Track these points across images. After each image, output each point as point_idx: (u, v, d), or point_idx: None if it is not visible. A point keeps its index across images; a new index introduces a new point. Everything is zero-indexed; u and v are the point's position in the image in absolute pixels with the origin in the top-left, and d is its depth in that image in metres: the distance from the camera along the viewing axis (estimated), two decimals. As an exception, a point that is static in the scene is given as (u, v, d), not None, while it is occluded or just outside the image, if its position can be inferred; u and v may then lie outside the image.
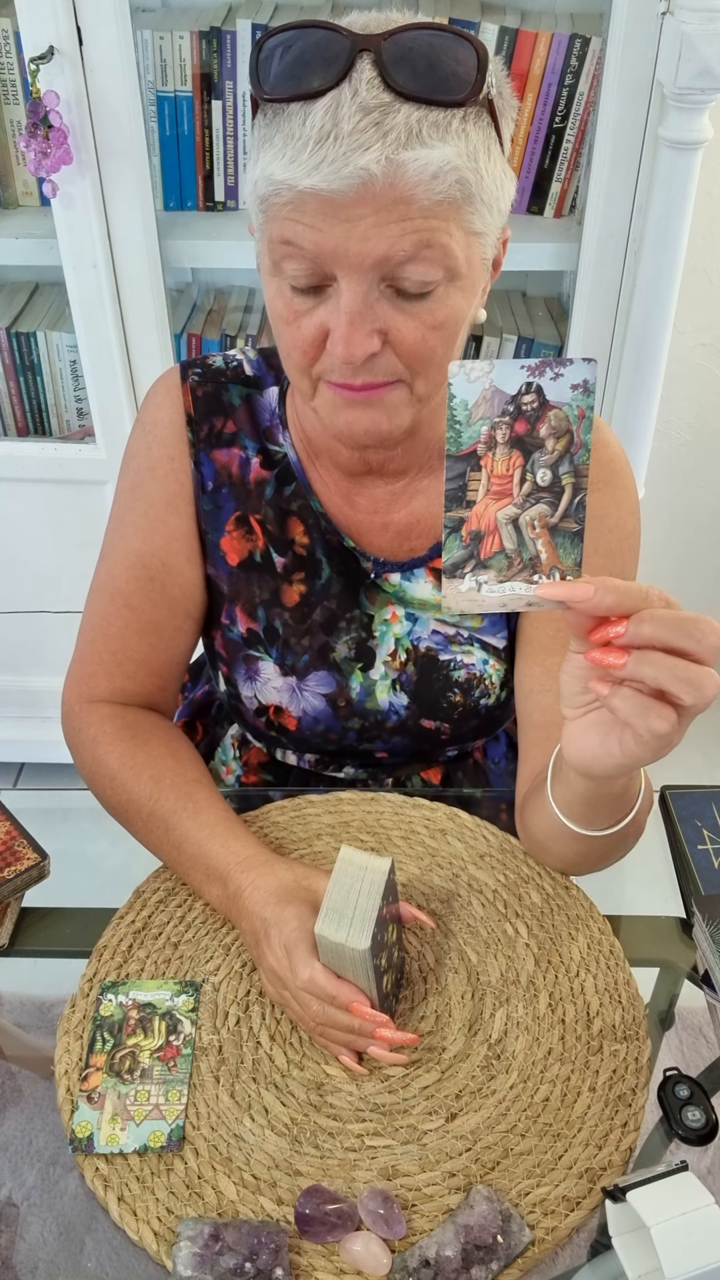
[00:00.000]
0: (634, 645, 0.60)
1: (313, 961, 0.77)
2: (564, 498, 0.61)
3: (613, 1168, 0.74)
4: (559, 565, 0.62)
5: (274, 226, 0.75)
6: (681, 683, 0.59)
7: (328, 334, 0.78)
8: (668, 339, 1.52)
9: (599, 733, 0.66)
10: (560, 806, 0.81)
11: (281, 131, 0.72)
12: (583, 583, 0.60)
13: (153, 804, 0.91)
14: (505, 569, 0.62)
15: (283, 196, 0.73)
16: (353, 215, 0.72)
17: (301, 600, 0.99)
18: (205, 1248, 0.68)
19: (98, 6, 1.32)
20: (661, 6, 1.31)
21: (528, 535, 0.61)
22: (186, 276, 1.84)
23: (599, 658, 0.62)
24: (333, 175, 0.70)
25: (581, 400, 0.60)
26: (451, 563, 0.62)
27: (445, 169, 0.71)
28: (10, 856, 0.93)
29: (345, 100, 0.70)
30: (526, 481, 0.61)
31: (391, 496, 0.97)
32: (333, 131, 0.70)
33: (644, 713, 0.61)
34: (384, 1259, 0.69)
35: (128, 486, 0.99)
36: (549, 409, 0.60)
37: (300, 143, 0.71)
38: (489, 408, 0.60)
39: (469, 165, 0.73)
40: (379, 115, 0.70)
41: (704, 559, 2.14)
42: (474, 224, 0.76)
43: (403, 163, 0.70)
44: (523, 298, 1.83)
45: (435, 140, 0.71)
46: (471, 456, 0.60)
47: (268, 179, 0.73)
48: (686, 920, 0.92)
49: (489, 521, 0.61)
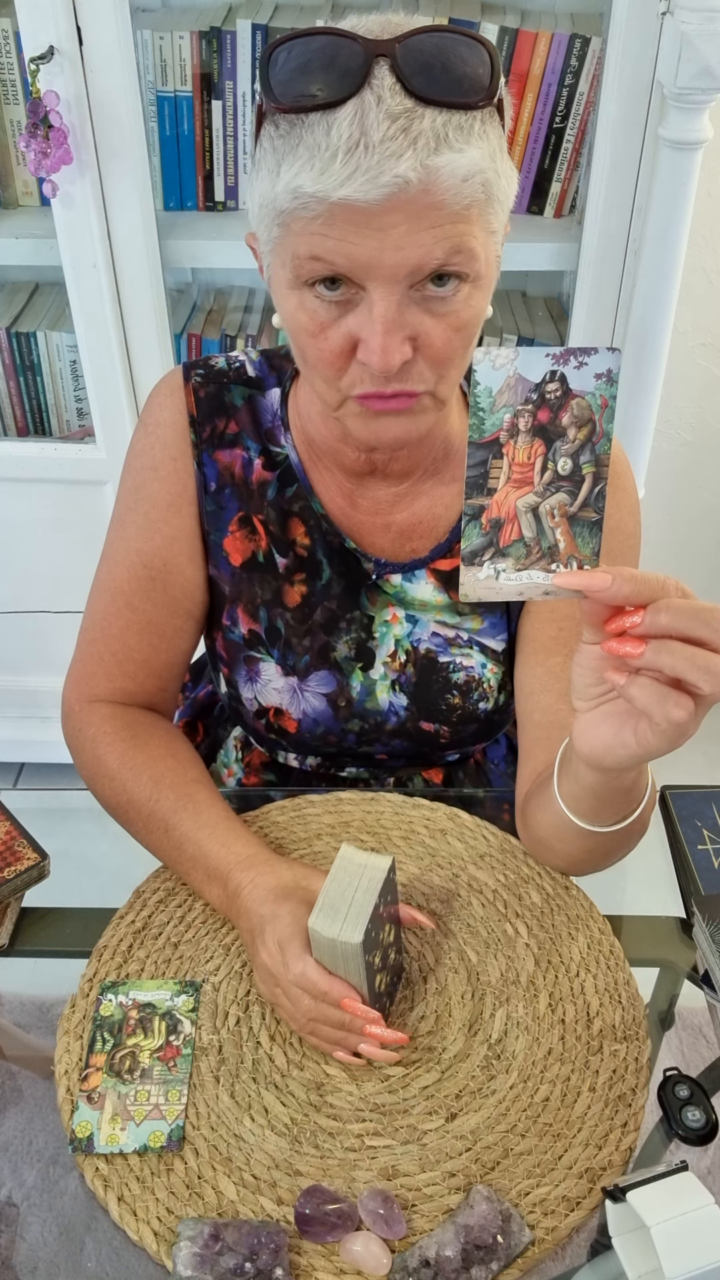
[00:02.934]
0: (651, 634, 0.61)
1: (306, 957, 0.77)
2: (584, 487, 0.61)
3: (613, 1168, 0.74)
4: (577, 554, 0.62)
5: (299, 242, 0.73)
6: (700, 671, 0.59)
7: (355, 344, 0.76)
8: (668, 339, 1.52)
9: (613, 724, 0.66)
10: (567, 802, 0.80)
11: (305, 143, 0.70)
12: (600, 572, 0.60)
13: (153, 804, 0.91)
14: (524, 557, 0.62)
15: (310, 210, 0.71)
16: (385, 224, 0.71)
17: (303, 601, 0.99)
18: (205, 1248, 0.68)
19: (98, 6, 1.32)
20: (661, 6, 1.31)
21: (547, 524, 0.61)
22: (186, 276, 1.84)
23: (616, 647, 0.62)
24: (369, 185, 0.68)
25: (604, 389, 0.59)
26: (470, 550, 0.62)
27: (474, 172, 0.71)
28: (10, 856, 0.93)
29: (370, 107, 0.69)
30: (548, 470, 0.61)
31: (394, 498, 0.97)
32: (362, 140, 0.68)
33: (662, 701, 0.61)
34: (384, 1259, 0.69)
35: (130, 486, 0.99)
36: (572, 398, 0.60)
37: (329, 153, 0.69)
38: (512, 395, 0.59)
39: (491, 167, 0.73)
40: (405, 121, 0.69)
41: (704, 558, 2.14)
42: (492, 223, 0.76)
43: (436, 168, 0.69)
44: (523, 298, 1.83)
45: (461, 144, 0.70)
46: (494, 444, 0.60)
47: (293, 192, 0.71)
48: (686, 920, 0.92)
49: (509, 509, 0.61)
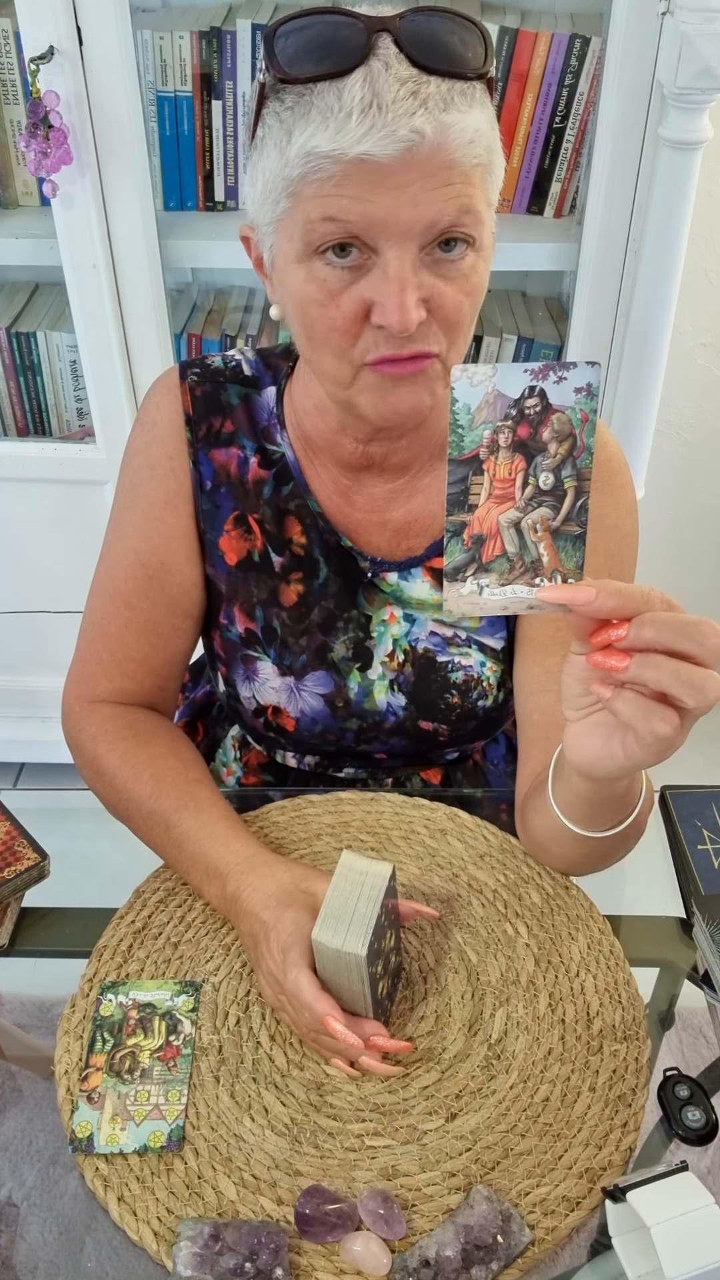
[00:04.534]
0: (635, 648, 0.60)
1: (301, 966, 0.77)
2: (566, 501, 0.61)
3: (613, 1168, 0.74)
4: (560, 568, 0.62)
5: (311, 206, 0.75)
6: (683, 685, 0.59)
7: (368, 310, 0.77)
8: (668, 339, 1.52)
9: (601, 735, 0.66)
10: (561, 808, 0.81)
11: (316, 107, 0.72)
12: (584, 586, 0.60)
13: (153, 803, 0.91)
14: (507, 572, 0.62)
15: (324, 171, 0.73)
16: (400, 182, 0.72)
17: (299, 600, 0.99)
18: (205, 1248, 0.68)
19: (98, 6, 1.33)
20: (661, 6, 1.31)
21: (530, 539, 0.61)
22: (186, 276, 1.84)
23: (601, 660, 0.62)
24: (386, 139, 0.71)
25: (585, 404, 0.59)
26: (453, 566, 0.62)
27: (479, 134, 0.74)
28: (10, 856, 0.93)
29: (379, 72, 0.71)
30: (529, 485, 0.61)
31: (391, 494, 0.97)
32: (374, 100, 0.71)
33: (646, 715, 0.61)
34: (384, 1259, 0.69)
35: (127, 485, 0.99)
36: (552, 413, 0.60)
37: (343, 114, 0.71)
38: (491, 412, 0.59)
39: (493, 133, 0.76)
40: (414, 85, 0.72)
41: (703, 559, 2.14)
42: (491, 195, 0.79)
43: (449, 124, 0.72)
44: (523, 298, 1.83)
45: (466, 107, 0.73)
46: (474, 460, 0.60)
47: (307, 155, 0.73)
48: (686, 920, 0.92)
49: (491, 525, 0.61)
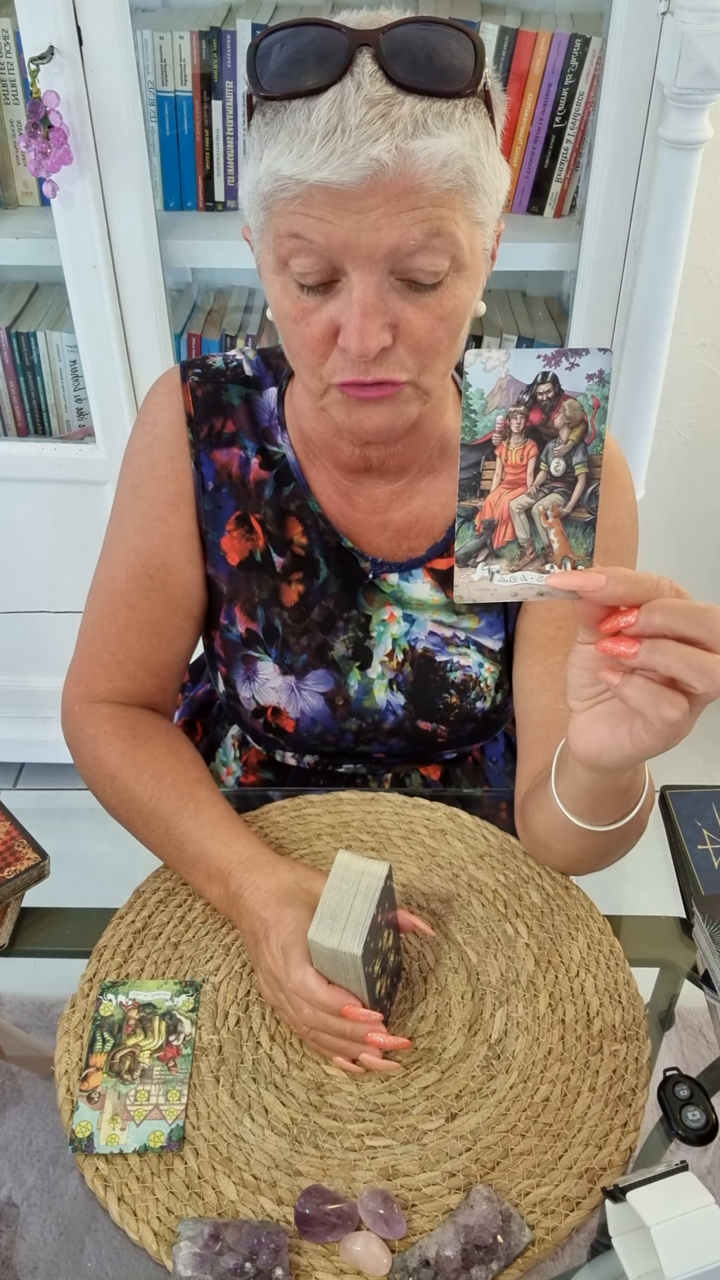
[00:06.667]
0: (645, 634, 0.61)
1: (306, 965, 0.77)
2: (577, 488, 0.61)
3: (613, 1168, 0.74)
4: (571, 555, 0.62)
5: (280, 222, 0.75)
6: (693, 670, 0.60)
7: (337, 331, 0.77)
8: (668, 339, 1.52)
9: (608, 724, 0.66)
10: (565, 802, 0.80)
11: (286, 128, 0.72)
12: (594, 572, 0.60)
13: (154, 803, 0.91)
14: (518, 558, 0.62)
15: (290, 191, 0.73)
16: (363, 206, 0.72)
17: (300, 600, 0.99)
18: (205, 1248, 0.68)
19: (98, 6, 1.32)
20: (661, 6, 1.31)
21: (540, 525, 0.62)
22: (186, 276, 1.84)
23: (610, 647, 0.62)
24: (343, 167, 0.70)
25: (597, 390, 0.60)
26: (464, 552, 0.62)
27: (452, 157, 0.72)
28: (10, 856, 0.93)
29: (350, 94, 0.70)
30: (540, 471, 0.61)
31: (391, 495, 0.97)
32: (339, 125, 0.70)
33: (656, 701, 0.61)
34: (384, 1259, 0.69)
35: (128, 486, 0.99)
36: (564, 399, 0.60)
37: (307, 138, 0.71)
38: (504, 397, 0.60)
39: (473, 154, 0.74)
40: (384, 107, 0.70)
41: (704, 558, 2.14)
42: (477, 213, 0.77)
43: (412, 152, 0.71)
44: (523, 298, 1.83)
45: (441, 130, 0.71)
46: (486, 446, 0.60)
47: (273, 175, 0.73)
48: (686, 920, 0.92)
49: (502, 511, 0.61)
